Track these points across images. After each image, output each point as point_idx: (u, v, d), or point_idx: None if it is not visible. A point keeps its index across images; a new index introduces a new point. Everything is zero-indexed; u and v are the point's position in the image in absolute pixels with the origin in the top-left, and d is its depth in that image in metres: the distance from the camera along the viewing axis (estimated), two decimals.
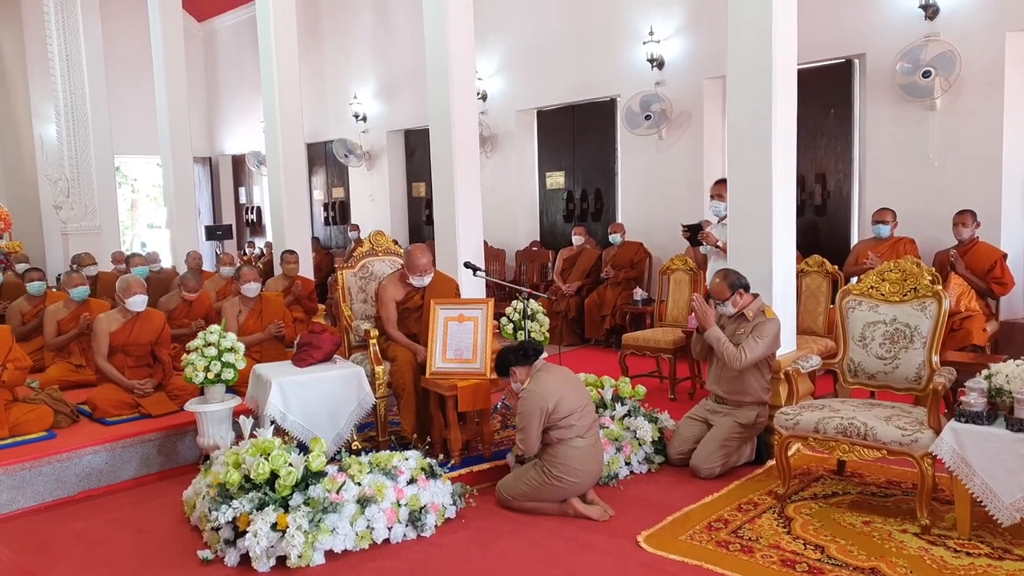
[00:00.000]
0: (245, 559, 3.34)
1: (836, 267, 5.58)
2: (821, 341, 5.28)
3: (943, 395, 3.59)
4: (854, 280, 5.90)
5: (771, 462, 4.20)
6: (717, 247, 5.35)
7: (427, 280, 4.73)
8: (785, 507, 3.75)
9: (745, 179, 4.56)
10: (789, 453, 3.91)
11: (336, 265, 5.85)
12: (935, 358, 3.81)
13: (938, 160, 6.27)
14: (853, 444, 3.58)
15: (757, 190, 4.49)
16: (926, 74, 6.10)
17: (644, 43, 7.96)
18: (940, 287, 3.90)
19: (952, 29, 6.07)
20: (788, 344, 4.67)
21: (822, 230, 7.21)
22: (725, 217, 5.40)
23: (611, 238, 8.03)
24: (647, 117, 8.00)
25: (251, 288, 5.79)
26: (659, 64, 7.95)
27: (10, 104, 12.41)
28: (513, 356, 3.87)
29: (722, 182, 5.47)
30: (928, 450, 3.38)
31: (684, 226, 5.77)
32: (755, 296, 4.30)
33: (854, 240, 6.87)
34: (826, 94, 7.03)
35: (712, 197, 5.52)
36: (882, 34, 6.47)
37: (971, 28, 6.00)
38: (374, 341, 4.61)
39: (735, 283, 4.24)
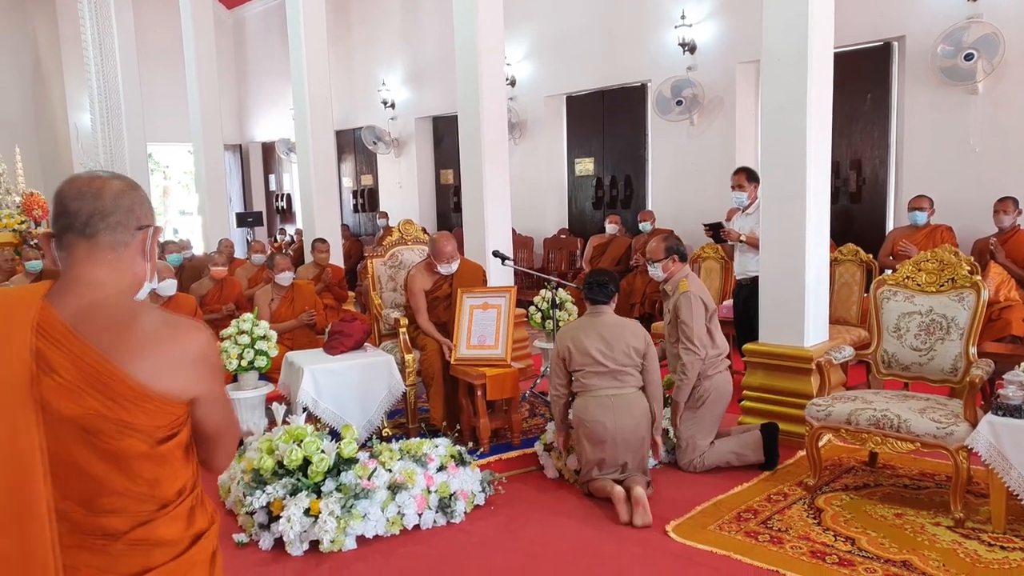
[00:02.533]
0: (279, 543, 3.40)
1: (870, 256, 5.49)
2: (854, 331, 5.21)
3: (980, 387, 3.52)
4: (888, 270, 5.82)
5: (796, 457, 4.16)
6: (740, 241, 5.28)
7: (454, 267, 4.75)
8: (815, 498, 3.72)
9: (779, 166, 4.50)
10: (820, 444, 3.88)
11: (365, 253, 5.90)
12: (972, 350, 3.74)
13: (979, 146, 6.13)
14: (886, 436, 3.53)
15: (791, 178, 4.43)
16: (968, 57, 5.95)
17: (676, 27, 7.86)
18: (979, 278, 3.81)
19: (995, 10, 5.91)
20: (820, 334, 4.62)
21: (856, 218, 7.09)
22: (748, 207, 5.34)
23: (641, 226, 7.97)
24: (678, 103, 7.91)
25: (285, 277, 5.86)
26: (691, 48, 7.86)
27: (46, 94, 12.65)
28: (584, 287, 3.96)
29: (741, 171, 5.42)
30: (964, 443, 3.33)
31: (705, 225, 5.73)
32: (684, 265, 4.28)
33: (889, 228, 6.76)
34: (863, 78, 6.90)
35: (733, 187, 5.44)
36: (922, 16, 6.32)
37: (1015, 9, 5.83)
38: (404, 330, 4.64)
39: (672, 247, 4.25)
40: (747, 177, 5.36)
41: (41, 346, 1.23)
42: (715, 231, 5.51)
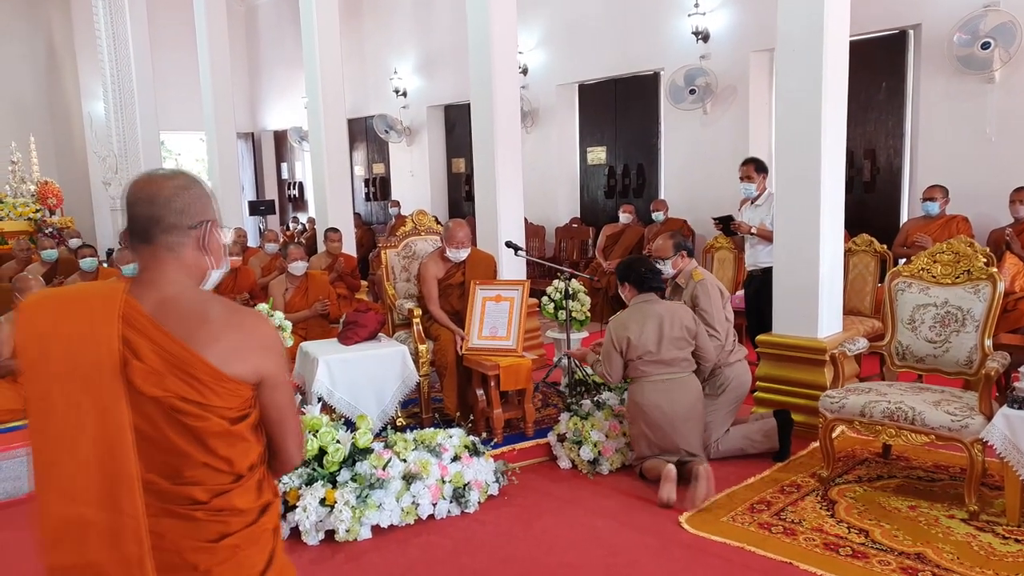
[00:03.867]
0: (295, 532, 3.44)
1: (885, 246, 5.46)
2: (868, 322, 5.19)
3: (995, 380, 3.51)
4: (903, 260, 5.79)
5: (809, 448, 4.16)
6: (752, 234, 5.28)
7: (463, 254, 4.76)
8: (829, 490, 3.72)
9: (793, 156, 4.47)
10: (833, 435, 3.88)
11: (378, 242, 5.91)
12: (988, 342, 3.72)
13: (995, 135, 6.07)
14: (900, 428, 3.52)
15: (805, 167, 4.40)
16: (985, 45, 5.89)
17: (689, 15, 7.80)
18: (995, 269, 3.79)
19: None
20: (835, 325, 4.61)
21: (871, 207, 7.05)
22: (757, 198, 5.33)
23: (654, 216, 7.94)
24: (691, 91, 7.87)
25: (298, 267, 5.89)
26: (704, 37, 7.80)
27: (60, 82, 12.70)
28: (632, 274, 4.00)
29: (750, 162, 5.40)
30: (979, 436, 3.32)
31: (715, 219, 5.73)
32: (691, 260, 4.34)
33: (904, 218, 6.72)
34: (878, 66, 6.83)
35: (741, 178, 5.42)
36: (939, 4, 6.25)
37: None
38: (418, 320, 4.66)
39: (678, 244, 4.29)
40: (756, 168, 5.34)
41: (128, 334, 1.36)
42: (725, 224, 5.51)
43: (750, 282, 5.42)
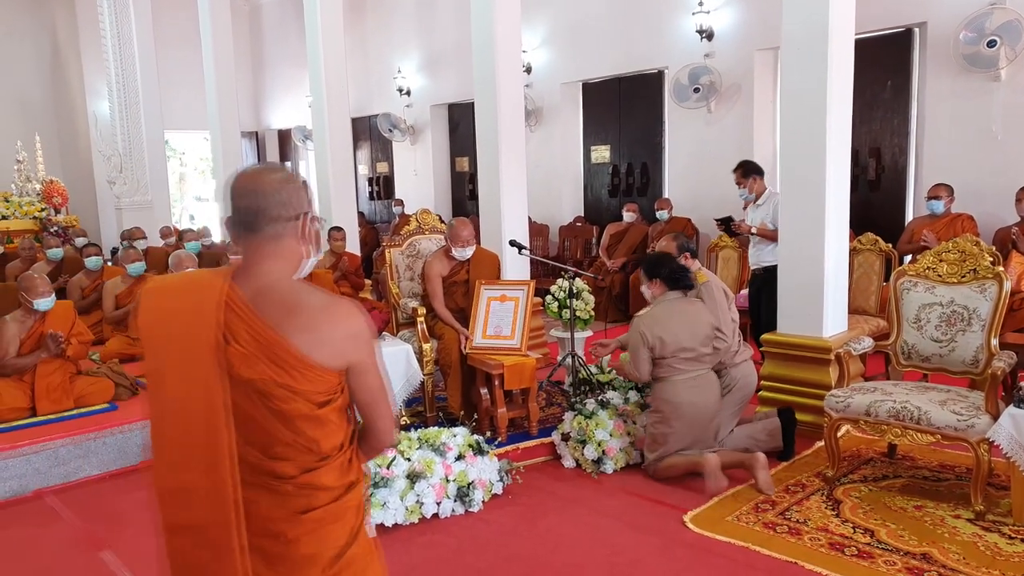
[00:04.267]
0: None
1: (890, 245, 5.44)
2: (873, 321, 5.18)
3: (1002, 380, 3.50)
4: (908, 259, 5.76)
5: (814, 447, 4.15)
6: (752, 234, 5.35)
7: (468, 252, 4.76)
8: (834, 489, 3.71)
9: (797, 155, 4.46)
10: (838, 435, 3.86)
11: (382, 241, 5.91)
12: (994, 341, 3.71)
13: (1001, 133, 6.04)
14: (906, 428, 3.51)
15: (810, 166, 4.39)
16: (991, 43, 5.86)
17: (693, 14, 7.78)
18: (1001, 268, 3.78)
19: None
20: (840, 324, 4.60)
21: (876, 206, 7.02)
22: (757, 199, 5.41)
23: (658, 214, 7.93)
24: (696, 90, 7.85)
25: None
26: (708, 35, 7.78)
27: (65, 81, 12.72)
28: (664, 270, 3.98)
29: (738, 167, 5.47)
30: (985, 436, 3.31)
31: (717, 220, 5.78)
32: (695, 261, 4.34)
33: (909, 217, 6.69)
34: (883, 65, 6.81)
35: (736, 183, 5.49)
36: (944, 2, 6.23)
37: None
38: (422, 319, 4.66)
39: (682, 245, 4.29)
40: (743, 172, 5.43)
41: (228, 318, 1.47)
42: (726, 225, 5.56)
43: (753, 281, 5.46)
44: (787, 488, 3.77)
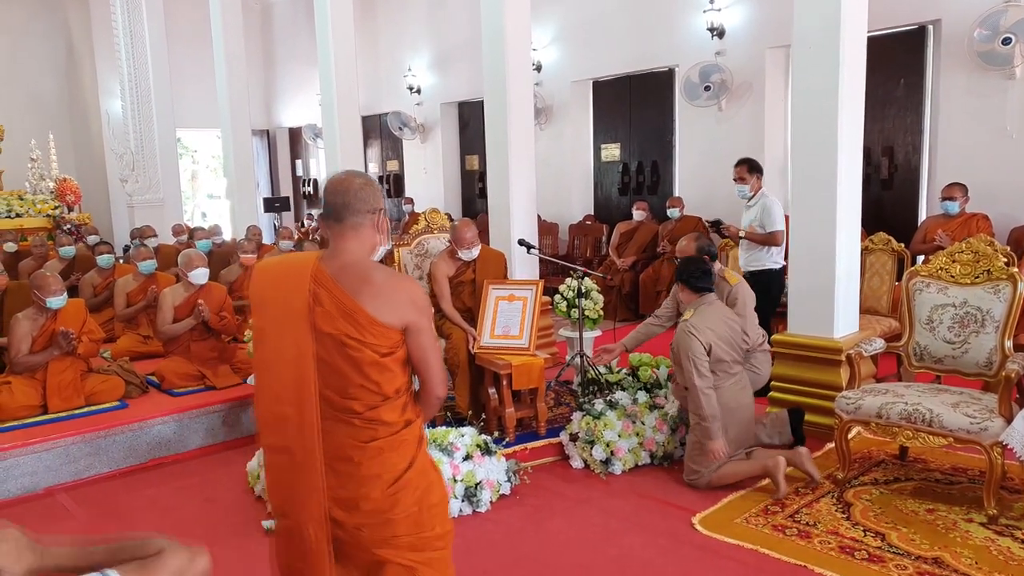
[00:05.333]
0: None
1: (902, 245, 5.39)
2: (884, 321, 5.13)
3: (1016, 382, 3.45)
4: (921, 259, 5.71)
5: (824, 449, 4.12)
6: (740, 237, 5.36)
7: (475, 253, 4.75)
8: (844, 492, 3.68)
9: (809, 154, 4.42)
10: (849, 436, 3.83)
11: (392, 240, 5.90)
12: (1008, 343, 3.66)
13: (1016, 131, 5.97)
14: (918, 431, 3.48)
15: (821, 165, 4.36)
16: (1006, 41, 5.79)
17: (704, 12, 7.74)
18: (1016, 269, 3.73)
19: None
20: (851, 325, 4.56)
21: (888, 205, 6.96)
22: (751, 199, 5.40)
23: (669, 212, 7.89)
24: (706, 88, 7.81)
25: None
26: (719, 33, 7.73)
27: (79, 80, 12.80)
28: (684, 274, 3.91)
29: (743, 163, 5.44)
30: (998, 439, 3.27)
31: (707, 222, 5.79)
32: (716, 262, 4.29)
33: (922, 216, 6.63)
34: (896, 63, 6.74)
35: (735, 179, 5.46)
36: None
37: None
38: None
39: (703, 247, 4.25)
40: (748, 169, 5.40)
41: (315, 288, 1.90)
42: (716, 227, 5.57)
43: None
44: (797, 490, 3.74)
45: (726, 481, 3.76)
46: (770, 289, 5.20)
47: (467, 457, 3.71)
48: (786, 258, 4.99)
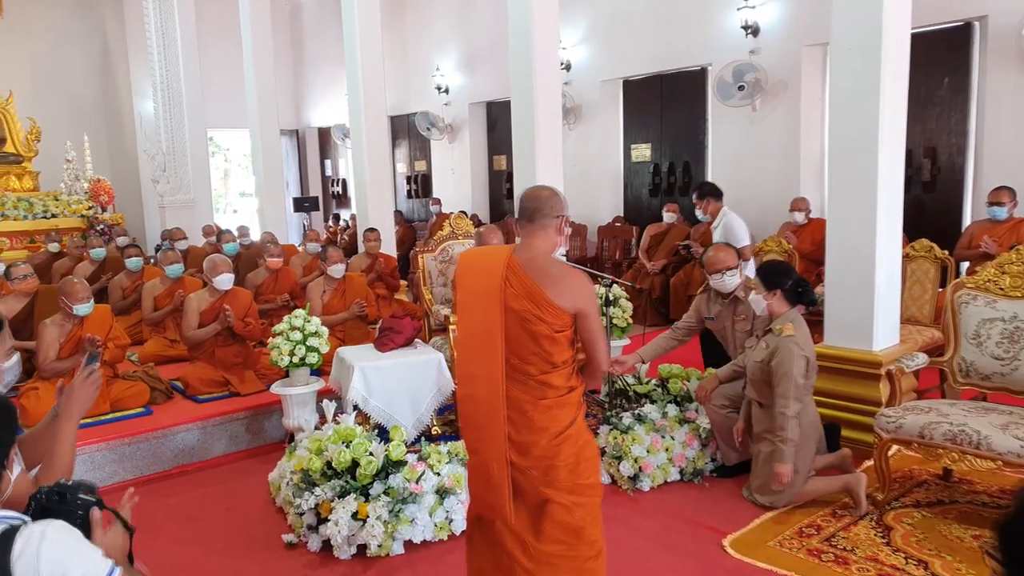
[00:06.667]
0: (327, 545, 3.39)
1: (946, 252, 5.16)
2: (927, 331, 4.92)
3: None
4: (966, 266, 5.49)
5: (862, 467, 3.94)
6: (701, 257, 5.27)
7: None
8: (884, 514, 3.52)
9: (847, 157, 4.25)
10: (889, 453, 3.66)
11: (417, 246, 5.84)
12: None
13: None
14: (964, 453, 3.30)
15: (861, 170, 4.18)
16: None
17: (738, 9, 7.55)
18: None
19: None
20: (891, 337, 4.38)
21: (930, 208, 6.72)
22: (712, 222, 5.41)
23: (700, 216, 7.69)
24: (740, 87, 7.61)
25: (337, 269, 5.85)
26: (754, 31, 7.54)
27: (113, 82, 12.96)
28: (787, 282, 3.65)
29: (695, 191, 5.46)
30: None
31: (678, 244, 5.95)
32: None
33: (966, 220, 6.39)
34: (940, 61, 6.50)
35: (696, 206, 5.48)
36: None
37: None
38: (454, 327, 4.57)
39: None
40: (698, 195, 5.40)
41: (507, 273, 2.34)
42: (687, 249, 5.63)
43: None
44: (834, 512, 3.58)
45: (807, 499, 3.64)
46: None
47: None
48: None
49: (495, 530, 2.45)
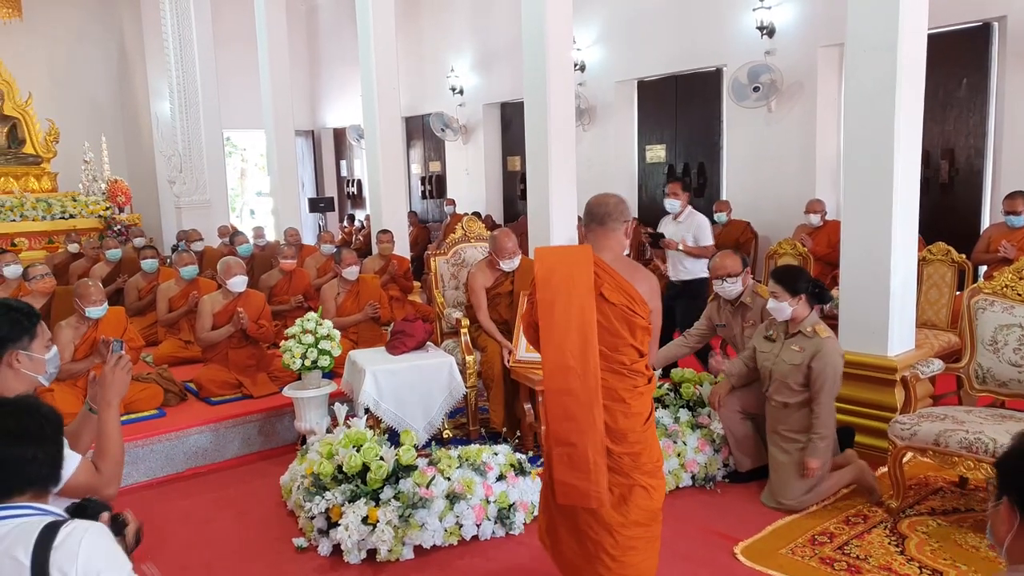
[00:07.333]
0: (337, 549, 3.39)
1: (963, 256, 5.10)
2: (943, 336, 4.86)
3: None
4: (983, 270, 5.42)
5: (876, 474, 3.90)
6: (679, 249, 5.46)
7: (515, 263, 4.65)
8: (898, 522, 3.47)
9: (863, 158, 4.20)
10: (904, 460, 3.62)
11: (430, 248, 5.85)
12: None
13: None
14: (980, 461, 3.25)
15: (877, 171, 4.13)
16: None
17: (754, 10, 7.50)
18: None
19: None
20: (907, 342, 4.33)
21: (947, 211, 6.64)
22: (679, 214, 5.55)
23: (716, 217, 7.65)
24: (755, 88, 7.56)
25: (351, 272, 5.87)
26: (769, 32, 7.48)
27: (131, 83, 13.08)
28: (809, 286, 3.66)
29: (678, 181, 5.67)
30: None
31: (647, 232, 6.02)
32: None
33: (984, 222, 6.31)
34: (958, 61, 6.42)
35: (667, 195, 5.61)
36: None
37: None
38: (465, 330, 4.57)
39: (745, 260, 4.15)
40: (683, 187, 5.61)
41: (596, 271, 2.52)
42: (655, 239, 5.68)
43: (669, 290, 5.51)
44: (847, 519, 3.55)
45: (824, 496, 3.67)
46: (701, 295, 5.31)
47: (500, 477, 3.61)
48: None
49: (581, 521, 2.57)
